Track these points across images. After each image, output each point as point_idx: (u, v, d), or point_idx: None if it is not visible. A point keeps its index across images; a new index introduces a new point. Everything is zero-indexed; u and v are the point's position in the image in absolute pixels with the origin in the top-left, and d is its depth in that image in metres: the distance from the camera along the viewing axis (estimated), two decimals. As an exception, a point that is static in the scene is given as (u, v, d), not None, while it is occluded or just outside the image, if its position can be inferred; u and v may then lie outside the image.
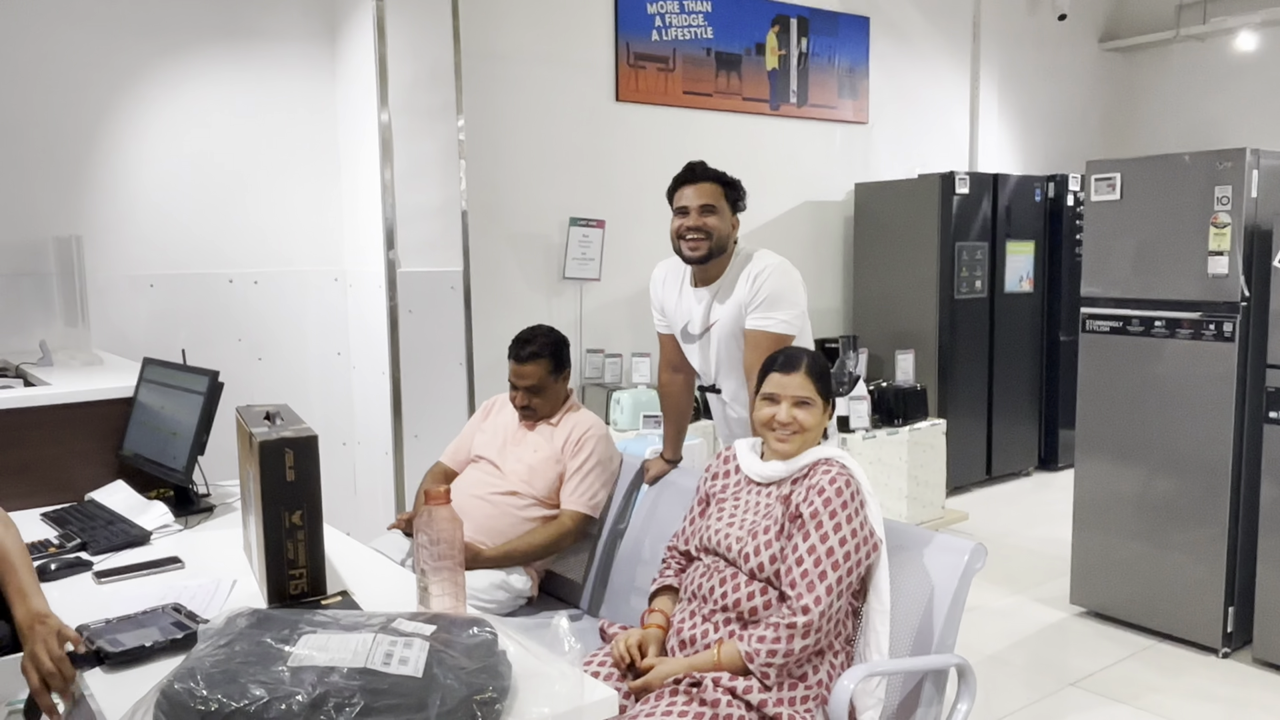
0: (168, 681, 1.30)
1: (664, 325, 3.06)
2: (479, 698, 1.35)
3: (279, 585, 1.82)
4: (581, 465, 2.87)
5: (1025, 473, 6.46)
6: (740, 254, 2.82)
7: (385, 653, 1.37)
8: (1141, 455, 3.86)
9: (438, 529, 1.66)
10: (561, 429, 2.94)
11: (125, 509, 2.50)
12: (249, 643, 1.39)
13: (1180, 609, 3.78)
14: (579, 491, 2.86)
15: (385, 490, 4.15)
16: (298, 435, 1.81)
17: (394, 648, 1.38)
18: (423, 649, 1.39)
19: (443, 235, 4.17)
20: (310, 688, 1.28)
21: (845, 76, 6.16)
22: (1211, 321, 3.63)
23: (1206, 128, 7.47)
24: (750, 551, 2.12)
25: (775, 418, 2.21)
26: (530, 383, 2.92)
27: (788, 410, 2.20)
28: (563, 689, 1.43)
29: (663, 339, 3.09)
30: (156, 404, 2.70)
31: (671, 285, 2.98)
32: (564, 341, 3.02)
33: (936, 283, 5.80)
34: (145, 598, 1.92)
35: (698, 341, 2.90)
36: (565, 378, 3.00)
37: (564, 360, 2.99)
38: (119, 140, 3.84)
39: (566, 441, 2.90)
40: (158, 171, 3.91)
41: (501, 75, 4.75)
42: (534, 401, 2.94)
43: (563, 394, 3.01)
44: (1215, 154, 3.59)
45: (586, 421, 2.95)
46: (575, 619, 2.83)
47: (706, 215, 2.75)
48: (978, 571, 2.11)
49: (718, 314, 2.80)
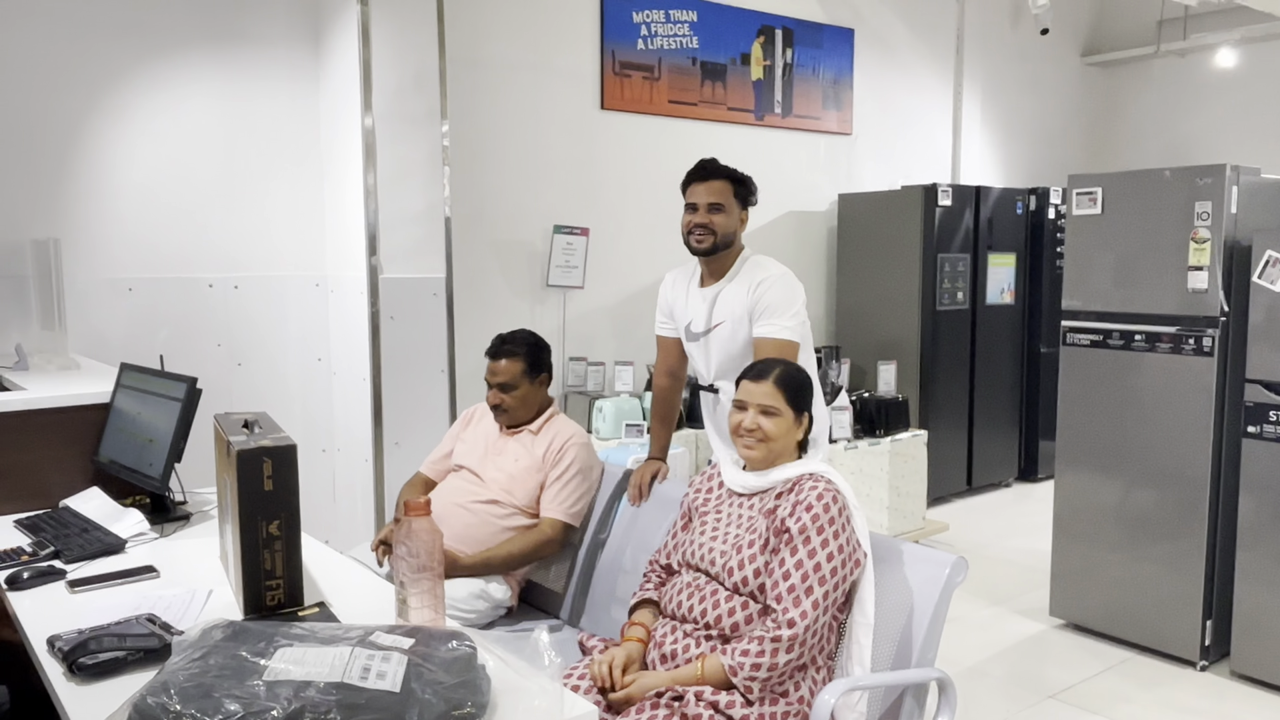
0: (140, 695, 1.28)
1: (669, 329, 3.11)
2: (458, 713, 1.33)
3: (255, 596, 1.80)
4: (562, 474, 2.86)
5: (1005, 484, 6.48)
6: (748, 261, 2.91)
7: (363, 667, 1.35)
8: (1121, 468, 3.87)
9: (417, 540, 1.65)
10: (542, 438, 2.92)
11: (100, 517, 2.47)
12: (224, 656, 1.37)
13: (1159, 622, 3.79)
14: (559, 500, 2.84)
15: (365, 498, 4.13)
16: (276, 444, 1.79)
17: (371, 661, 1.37)
18: (401, 663, 1.37)
19: (426, 241, 4.15)
20: (286, 703, 1.26)
21: (830, 87, 6.18)
22: (1191, 335, 3.65)
23: (1187, 143, 7.53)
24: (734, 565, 2.11)
25: (741, 424, 2.23)
26: (503, 379, 2.91)
27: (753, 417, 2.21)
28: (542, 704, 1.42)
29: (662, 343, 3.14)
30: (133, 410, 2.67)
31: (680, 286, 3.05)
32: (544, 346, 3.01)
33: (919, 294, 5.82)
34: (119, 608, 1.89)
35: (700, 340, 2.96)
36: (543, 382, 2.99)
37: (542, 364, 2.97)
38: (98, 142, 3.80)
39: (548, 450, 2.88)
40: (138, 174, 3.88)
41: (486, 82, 4.74)
42: (506, 401, 2.92)
43: (540, 399, 2.99)
44: (1196, 169, 3.62)
45: (568, 430, 2.94)
46: (555, 630, 2.82)
47: (713, 213, 2.85)
48: (959, 585, 2.11)
49: (720, 314, 2.88)
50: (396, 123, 4.03)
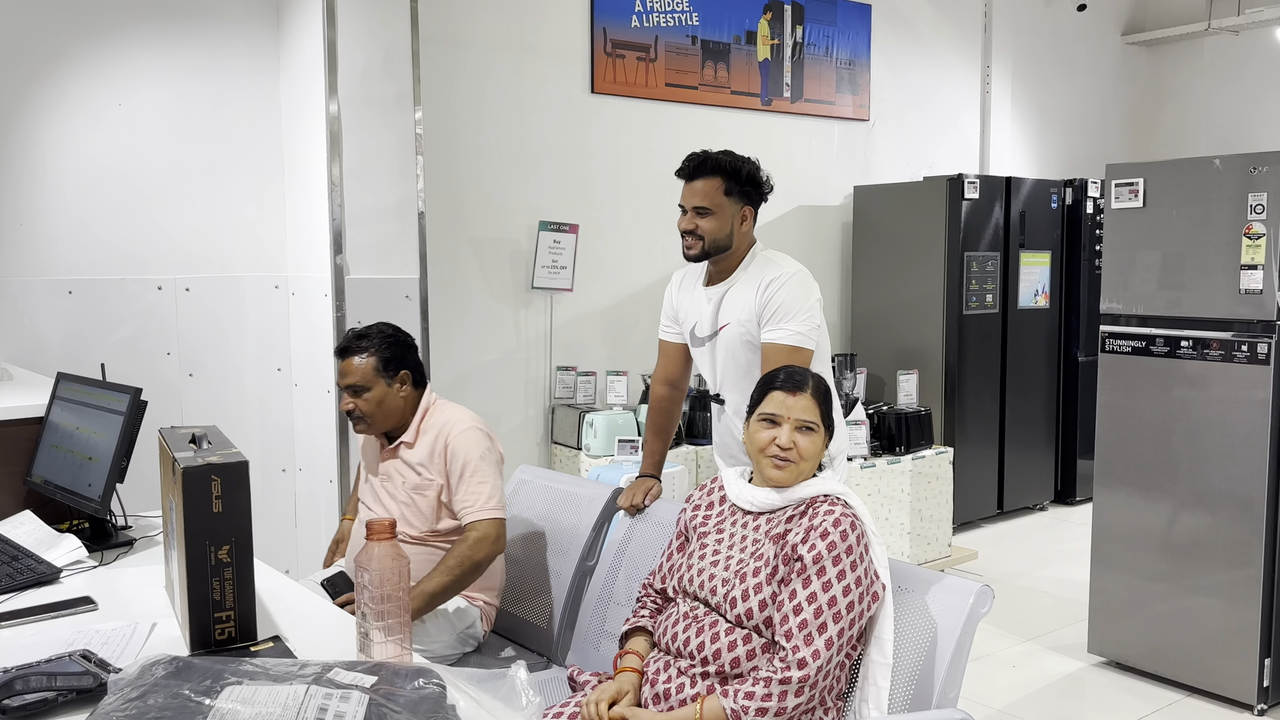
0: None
1: (673, 333, 3.11)
2: (423, 758, 1.33)
3: (203, 630, 1.80)
4: (463, 471, 2.75)
5: (1040, 507, 6.48)
6: (757, 257, 2.91)
7: (319, 707, 1.35)
8: (1167, 488, 3.87)
9: (379, 567, 1.64)
10: (421, 445, 2.81)
11: (32, 543, 2.46)
12: (165, 695, 1.37)
13: (1211, 660, 3.79)
14: (474, 499, 2.74)
15: (329, 522, 4.12)
16: (226, 461, 1.79)
17: (329, 701, 1.36)
18: (361, 703, 1.37)
19: (397, 239, 4.15)
20: (232, 746, 1.26)
21: (844, 69, 6.20)
22: (1244, 342, 3.65)
23: (1240, 130, 7.56)
24: (737, 596, 2.10)
25: (775, 441, 2.18)
26: (352, 381, 2.78)
27: (789, 434, 2.18)
28: (518, 748, 1.42)
29: (664, 348, 3.14)
30: (71, 425, 2.67)
31: (687, 286, 3.06)
32: (405, 340, 2.88)
33: (943, 296, 5.83)
34: (51, 644, 1.88)
35: (706, 345, 2.97)
36: (405, 382, 2.84)
37: (402, 361, 2.83)
38: (34, 130, 3.80)
39: (432, 454, 2.79)
40: (78, 165, 3.88)
41: (464, 63, 4.75)
42: (360, 406, 2.79)
43: (404, 405, 2.85)
44: (1249, 157, 3.63)
45: (440, 421, 2.83)
46: (539, 668, 2.81)
47: (699, 217, 2.84)
48: (984, 616, 2.11)
49: (726, 316, 2.88)
50: (365, 108, 4.04)
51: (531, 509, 3.13)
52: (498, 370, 4.92)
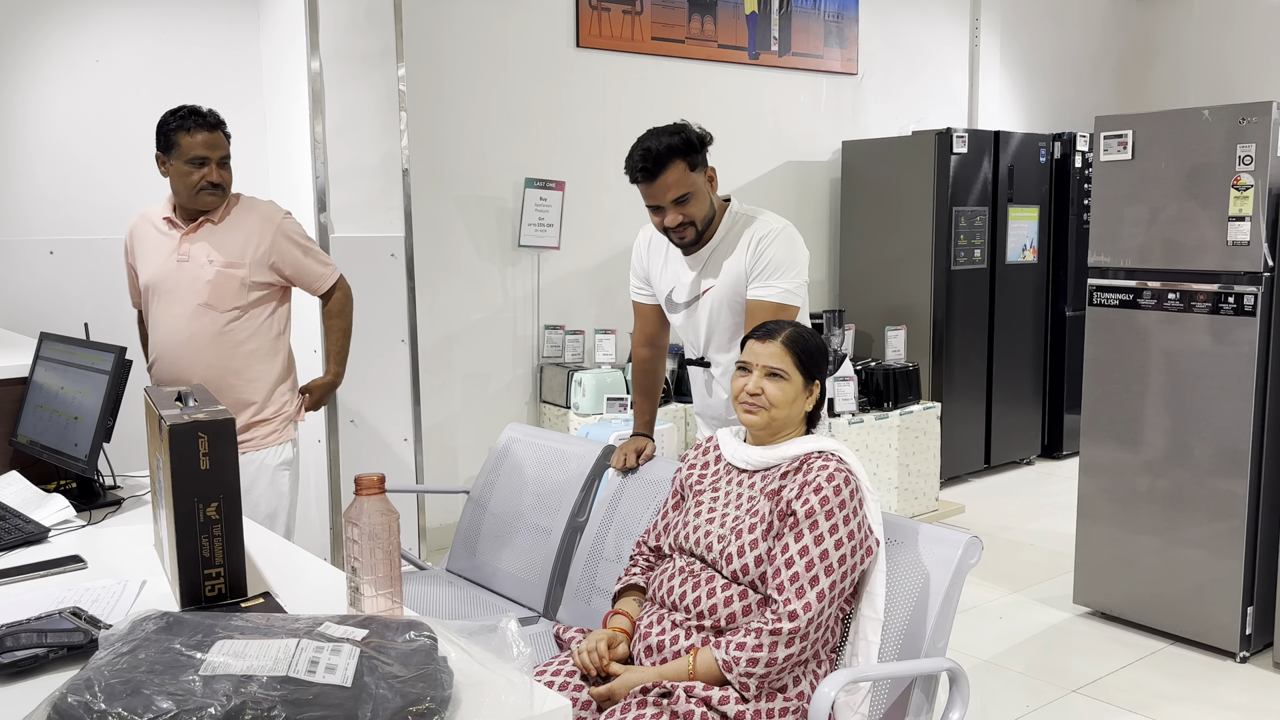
0: (60, 693, 1.28)
1: (646, 294, 3.07)
2: (415, 709, 1.33)
3: (193, 586, 1.80)
4: (297, 249, 3.16)
5: (1027, 461, 6.53)
6: (739, 216, 2.82)
7: (310, 660, 1.35)
8: (1153, 441, 3.90)
9: (370, 521, 1.65)
10: (233, 226, 3.09)
11: (20, 503, 2.46)
12: (156, 649, 1.37)
13: (1195, 609, 3.83)
14: (317, 268, 3.22)
15: (318, 481, 4.12)
16: (212, 418, 1.79)
17: (320, 654, 1.37)
18: (352, 655, 1.37)
19: (381, 197, 4.13)
20: (225, 699, 1.26)
21: (832, 22, 6.15)
22: (1231, 294, 3.66)
23: (1231, 83, 7.54)
24: (733, 552, 2.11)
25: (745, 388, 2.22)
26: (224, 153, 3.08)
27: (756, 380, 2.21)
28: (510, 699, 1.42)
29: (639, 309, 3.10)
30: (55, 385, 2.66)
31: (658, 249, 2.98)
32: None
33: (931, 252, 5.83)
34: (41, 602, 1.88)
35: (684, 310, 2.92)
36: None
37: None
38: (8, 88, 3.76)
39: (259, 241, 3.08)
40: (57, 123, 3.84)
41: (447, 17, 4.70)
42: (227, 178, 3.08)
43: None
44: (1238, 108, 3.62)
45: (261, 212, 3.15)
46: (528, 622, 2.83)
47: (682, 206, 2.71)
48: (972, 567, 2.12)
49: (710, 280, 2.82)
50: (347, 64, 4.00)
51: (521, 466, 3.14)
52: (485, 329, 4.90)
